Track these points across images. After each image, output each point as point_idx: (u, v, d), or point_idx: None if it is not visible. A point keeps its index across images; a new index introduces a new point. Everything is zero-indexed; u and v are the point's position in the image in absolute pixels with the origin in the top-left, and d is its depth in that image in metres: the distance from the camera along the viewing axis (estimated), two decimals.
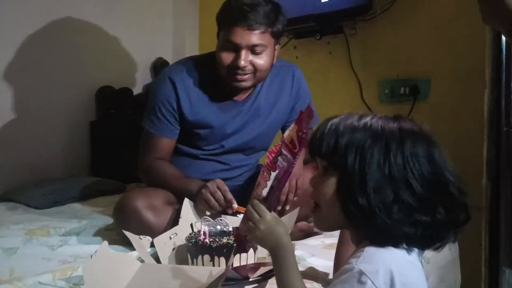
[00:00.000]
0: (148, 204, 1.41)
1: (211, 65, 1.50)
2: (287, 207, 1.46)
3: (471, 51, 1.94)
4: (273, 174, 0.84)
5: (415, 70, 2.15)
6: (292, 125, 0.84)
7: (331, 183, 0.75)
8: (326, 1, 2.26)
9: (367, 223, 0.72)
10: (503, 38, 1.72)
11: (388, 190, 0.70)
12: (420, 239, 0.72)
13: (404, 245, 0.73)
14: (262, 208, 0.82)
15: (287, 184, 1.36)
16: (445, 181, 0.72)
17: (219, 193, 1.35)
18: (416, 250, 0.74)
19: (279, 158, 0.84)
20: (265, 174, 0.85)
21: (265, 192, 0.84)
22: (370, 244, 0.73)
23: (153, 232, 1.36)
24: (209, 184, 1.38)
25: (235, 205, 1.35)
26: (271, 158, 0.85)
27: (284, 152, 0.83)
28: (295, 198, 1.48)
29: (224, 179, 1.52)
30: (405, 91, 2.15)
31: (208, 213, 1.38)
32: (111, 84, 2.62)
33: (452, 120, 1.97)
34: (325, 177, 0.77)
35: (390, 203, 0.70)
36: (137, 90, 2.76)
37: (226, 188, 1.37)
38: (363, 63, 2.30)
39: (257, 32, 1.39)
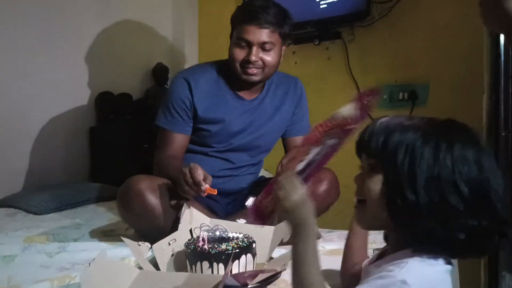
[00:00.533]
0: (151, 186, 1.45)
1: (222, 68, 1.66)
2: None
3: (470, 56, 1.94)
4: (315, 150, 0.82)
5: (413, 75, 2.15)
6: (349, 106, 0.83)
7: (377, 180, 0.75)
8: (325, 7, 2.27)
9: (412, 223, 0.71)
10: (502, 43, 1.72)
11: (436, 191, 0.70)
12: (464, 245, 0.71)
13: (446, 254, 0.72)
14: (299, 180, 0.78)
15: None
16: (490, 189, 0.71)
17: (189, 176, 1.34)
18: (451, 262, 0.74)
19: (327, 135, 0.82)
20: (302, 148, 0.82)
21: (300, 166, 0.82)
22: (412, 253, 0.72)
23: (155, 214, 1.42)
24: (183, 168, 1.38)
25: (204, 187, 1.34)
26: (317, 133, 0.82)
27: (335, 129, 0.81)
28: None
29: (230, 177, 1.63)
30: (403, 96, 2.16)
31: (207, 219, 1.38)
32: (111, 89, 2.63)
33: None
34: (372, 174, 0.76)
35: (437, 204, 0.70)
36: (136, 95, 2.76)
37: (198, 171, 1.34)
38: (361, 69, 2.30)
39: (267, 30, 1.54)
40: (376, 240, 1.26)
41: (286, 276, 1.20)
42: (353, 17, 2.23)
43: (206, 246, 1.16)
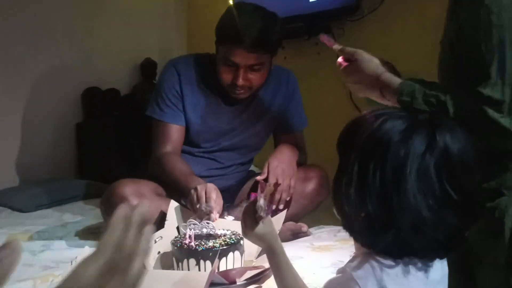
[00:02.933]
0: (136, 191, 1.43)
1: (213, 64, 1.57)
2: (281, 206, 1.47)
3: None
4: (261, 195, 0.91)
5: (402, 70, 2.13)
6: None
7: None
8: (314, 1, 2.26)
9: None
10: None
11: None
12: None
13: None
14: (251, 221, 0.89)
15: (283, 183, 1.48)
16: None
17: (203, 200, 1.32)
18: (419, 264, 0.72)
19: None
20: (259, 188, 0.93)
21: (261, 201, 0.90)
22: (368, 253, 0.72)
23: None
24: (199, 186, 1.35)
25: (214, 216, 1.30)
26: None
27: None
28: (288, 198, 1.51)
29: (218, 176, 1.57)
30: None
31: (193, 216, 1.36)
32: (98, 85, 2.59)
33: None
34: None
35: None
36: (124, 91, 2.72)
37: (213, 196, 1.32)
38: None
39: (254, 54, 1.46)
40: None
41: None
42: (343, 11, 2.22)
43: (193, 243, 1.14)
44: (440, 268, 0.76)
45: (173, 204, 1.38)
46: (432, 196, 0.68)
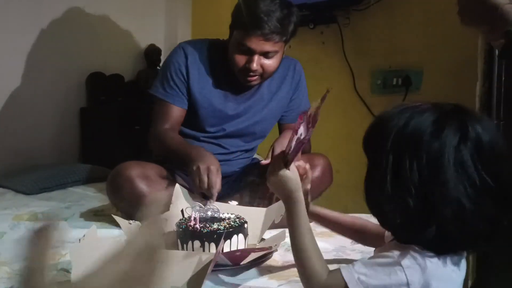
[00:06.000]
0: (141, 173, 1.44)
1: (223, 50, 1.57)
2: (309, 186, 1.47)
3: (464, 43, 1.94)
4: (295, 136, 0.89)
5: (407, 61, 2.15)
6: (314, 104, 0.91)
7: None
8: None
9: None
10: None
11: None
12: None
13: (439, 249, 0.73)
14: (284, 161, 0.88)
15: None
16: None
17: (205, 178, 1.34)
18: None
19: (302, 125, 0.89)
20: (292, 133, 0.91)
21: (288, 149, 0.90)
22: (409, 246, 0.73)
23: (145, 202, 1.38)
24: (201, 164, 1.36)
25: (213, 199, 1.32)
26: (297, 123, 0.90)
27: (305, 122, 0.88)
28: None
29: (221, 162, 1.56)
30: (397, 82, 2.16)
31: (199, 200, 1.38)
32: (102, 70, 2.59)
33: None
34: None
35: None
36: (128, 77, 2.72)
37: (215, 179, 1.34)
38: (356, 54, 2.29)
39: (271, 42, 1.47)
40: None
41: (278, 256, 1.21)
42: (348, 1, 2.21)
43: (197, 226, 1.15)
44: (464, 266, 0.77)
45: (178, 187, 1.39)
46: (471, 185, 0.68)
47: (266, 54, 1.50)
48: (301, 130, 0.88)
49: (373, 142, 0.77)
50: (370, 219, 1.00)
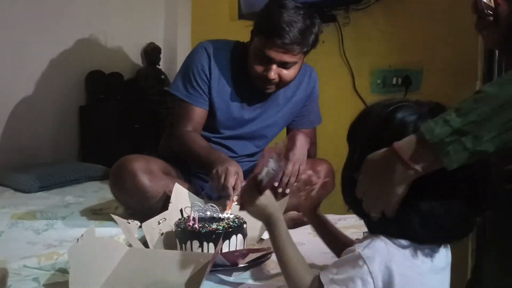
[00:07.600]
0: (145, 167, 1.44)
1: (245, 53, 1.56)
2: (288, 191, 1.46)
3: (464, 42, 1.93)
4: (264, 168, 0.89)
5: (407, 60, 2.15)
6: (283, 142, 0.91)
7: None
8: None
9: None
10: None
11: None
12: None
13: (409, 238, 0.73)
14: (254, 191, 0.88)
15: (290, 167, 1.46)
16: None
17: (222, 179, 1.32)
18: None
19: (272, 160, 0.89)
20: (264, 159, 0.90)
21: (262, 173, 0.89)
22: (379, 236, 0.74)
23: (147, 196, 1.40)
24: (220, 166, 1.35)
25: (229, 199, 1.31)
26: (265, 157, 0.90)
27: (276, 159, 0.89)
28: (295, 183, 1.48)
29: None
30: (397, 81, 2.16)
31: (199, 200, 1.38)
32: (101, 68, 2.59)
33: None
34: None
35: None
36: (127, 75, 2.72)
37: (231, 179, 1.32)
38: (355, 53, 2.29)
39: (290, 53, 1.45)
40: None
41: None
42: (348, 0, 2.20)
43: (196, 225, 1.15)
44: (444, 256, 0.78)
45: (177, 186, 1.39)
46: (444, 183, 0.70)
47: (284, 64, 1.48)
48: (272, 164, 0.88)
49: (353, 134, 0.80)
50: None
